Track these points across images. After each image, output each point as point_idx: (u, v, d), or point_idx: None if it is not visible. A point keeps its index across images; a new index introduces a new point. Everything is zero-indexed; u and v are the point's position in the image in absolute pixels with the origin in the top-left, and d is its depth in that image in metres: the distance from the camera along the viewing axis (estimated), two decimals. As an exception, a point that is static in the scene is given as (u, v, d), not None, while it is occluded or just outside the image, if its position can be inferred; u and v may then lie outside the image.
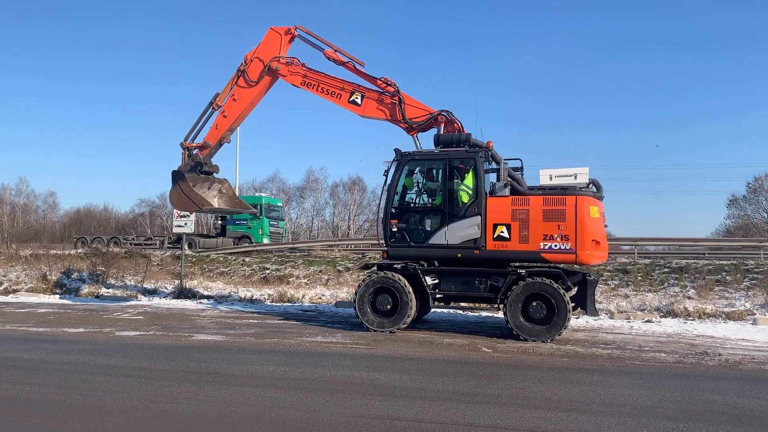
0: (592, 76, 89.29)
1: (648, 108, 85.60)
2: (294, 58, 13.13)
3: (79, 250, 26.14)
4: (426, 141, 12.08)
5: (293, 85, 13.18)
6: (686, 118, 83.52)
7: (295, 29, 13.24)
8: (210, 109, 13.56)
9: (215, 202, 13.62)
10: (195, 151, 13.50)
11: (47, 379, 7.32)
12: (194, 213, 13.84)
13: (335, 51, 12.87)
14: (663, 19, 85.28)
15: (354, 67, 12.80)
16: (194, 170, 13.48)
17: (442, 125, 11.76)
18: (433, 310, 13.20)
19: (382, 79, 12.41)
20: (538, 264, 10.64)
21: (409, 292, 10.91)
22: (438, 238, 10.92)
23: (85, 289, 19.08)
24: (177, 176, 13.43)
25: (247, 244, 28.88)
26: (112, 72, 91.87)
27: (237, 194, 15.24)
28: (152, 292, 18.95)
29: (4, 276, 20.86)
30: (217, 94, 13.49)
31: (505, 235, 10.48)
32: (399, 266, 11.31)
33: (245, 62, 13.31)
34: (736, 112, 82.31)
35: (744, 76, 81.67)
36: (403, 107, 12.10)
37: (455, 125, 11.80)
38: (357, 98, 12.48)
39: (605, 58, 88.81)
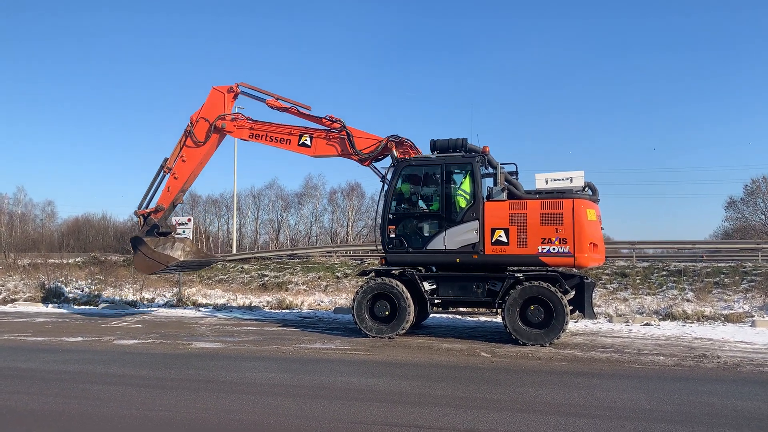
0: (587, 79, 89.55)
1: (643, 111, 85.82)
2: (238, 113, 13.41)
3: (77, 259, 26.11)
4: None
5: (242, 139, 13.49)
6: (682, 121, 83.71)
7: (237, 86, 13.49)
8: (161, 173, 13.73)
9: (180, 256, 13.63)
10: (150, 216, 13.65)
11: (45, 389, 7.30)
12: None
13: (277, 99, 13.11)
14: (659, 22, 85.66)
15: (297, 110, 13.04)
16: (151, 233, 13.60)
17: (393, 149, 11.91)
18: (431, 315, 13.19)
19: (327, 117, 12.63)
20: (536, 268, 10.66)
21: (407, 298, 10.91)
22: (436, 244, 10.94)
23: (84, 298, 19.05)
24: (136, 242, 13.53)
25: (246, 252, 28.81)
26: (109, 79, 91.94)
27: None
28: (151, 301, 18.94)
29: (2, 285, 20.83)
30: (166, 158, 13.67)
31: (504, 239, 10.50)
32: (397, 272, 11.31)
33: (191, 123, 13.50)
34: (732, 115, 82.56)
35: (739, 78, 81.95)
36: (352, 140, 12.30)
37: (405, 145, 11.98)
38: (306, 140, 12.71)
39: (600, 61, 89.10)
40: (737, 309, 14.15)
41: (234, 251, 39.29)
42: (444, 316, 13.94)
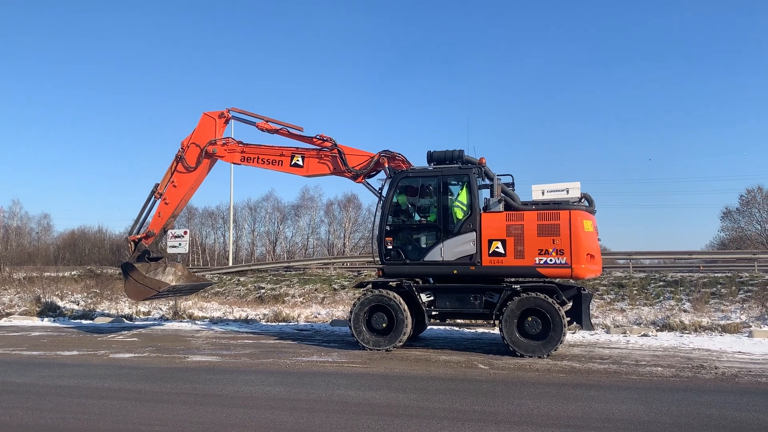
0: (582, 90, 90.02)
1: (638, 121, 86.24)
2: (229, 138, 13.53)
3: (73, 273, 26.00)
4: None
5: (234, 163, 13.59)
6: (677, 130, 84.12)
7: (228, 112, 13.57)
8: (152, 198, 13.75)
9: (171, 281, 13.61)
10: (141, 241, 13.66)
11: (40, 403, 7.24)
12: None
13: (267, 121, 13.18)
14: (652, 31, 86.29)
15: (288, 131, 13.11)
16: (142, 259, 13.60)
17: (386, 164, 11.97)
18: (429, 327, 13.16)
19: (318, 137, 12.70)
20: (533, 279, 10.66)
21: (404, 310, 10.89)
22: (433, 255, 10.93)
23: (79, 312, 18.96)
24: (127, 268, 13.48)
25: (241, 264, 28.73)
26: (102, 91, 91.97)
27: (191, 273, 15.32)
28: (147, 314, 18.85)
29: (-3, 299, 20.69)
30: (157, 183, 13.71)
31: (501, 250, 10.50)
32: (394, 284, 11.29)
33: (182, 148, 13.53)
34: (727, 125, 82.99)
35: (734, 87, 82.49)
36: (344, 157, 12.35)
37: (397, 160, 12.04)
38: (298, 160, 12.77)
39: (594, 71, 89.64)
40: (734, 319, 14.15)
41: (230, 263, 39.17)
42: (441, 327, 13.90)
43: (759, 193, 47.35)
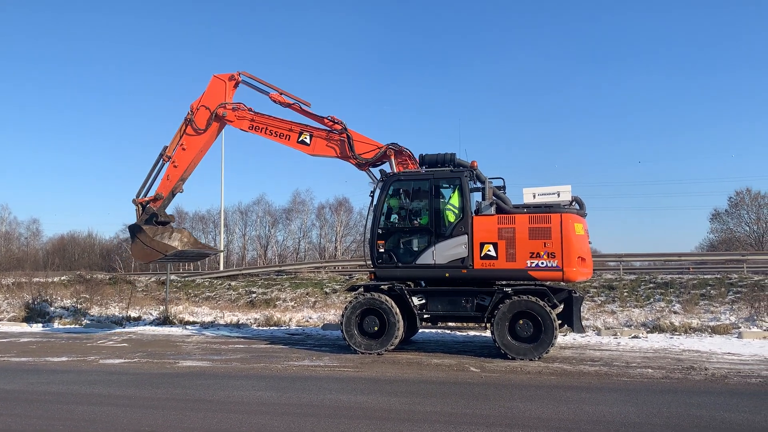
0: (571, 92, 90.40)
1: (629, 123, 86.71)
2: (240, 103, 13.36)
3: (62, 278, 25.81)
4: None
5: (241, 129, 13.42)
6: (666, 132, 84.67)
7: (238, 75, 13.46)
8: (160, 162, 13.67)
9: (178, 247, 13.56)
10: (148, 204, 13.56)
11: (29, 410, 7.18)
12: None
13: (280, 93, 13.07)
14: (642, 32, 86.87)
15: (300, 107, 13.00)
16: (150, 222, 13.50)
17: (392, 157, 11.94)
18: (420, 330, 13.16)
19: (329, 118, 12.61)
20: (524, 282, 10.68)
21: (396, 313, 10.88)
22: (425, 258, 10.94)
23: (69, 317, 18.81)
24: (135, 230, 13.37)
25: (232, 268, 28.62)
26: (92, 94, 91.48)
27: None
28: (137, 319, 18.73)
29: (-14, 305, 20.50)
30: (165, 146, 13.62)
31: (492, 253, 10.52)
32: (386, 287, 11.28)
33: (191, 111, 13.46)
34: (715, 127, 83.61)
35: (723, 88, 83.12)
36: (352, 143, 12.29)
37: (404, 155, 12.02)
38: (306, 138, 12.69)
39: (584, 73, 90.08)
40: (724, 320, 14.25)
41: (221, 268, 39.02)
42: (433, 330, 13.89)
43: (747, 194, 47.86)
